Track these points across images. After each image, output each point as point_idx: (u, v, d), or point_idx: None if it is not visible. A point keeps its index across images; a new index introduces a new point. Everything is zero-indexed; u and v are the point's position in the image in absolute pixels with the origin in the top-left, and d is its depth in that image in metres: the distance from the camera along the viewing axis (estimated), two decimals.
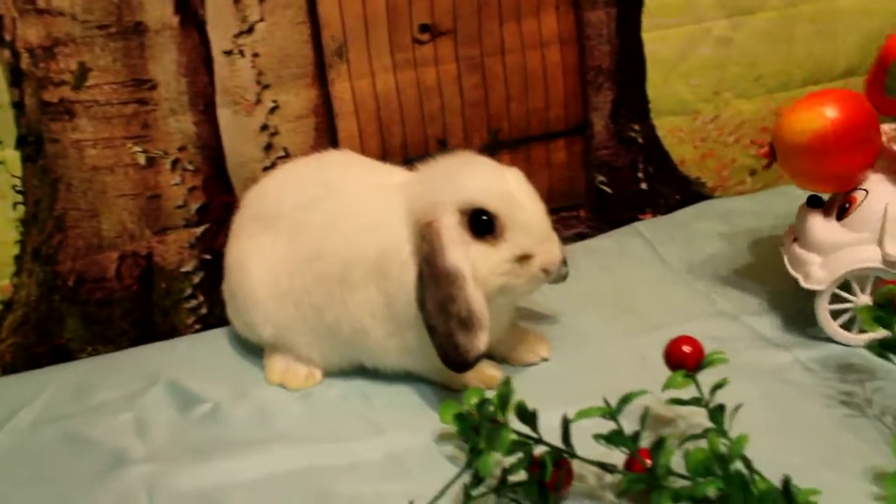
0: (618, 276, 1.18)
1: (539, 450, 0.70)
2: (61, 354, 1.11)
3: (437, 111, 1.20)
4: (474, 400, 0.76)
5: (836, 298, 0.93)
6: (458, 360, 0.82)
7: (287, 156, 1.14)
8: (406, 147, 1.20)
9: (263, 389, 0.97)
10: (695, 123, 1.35)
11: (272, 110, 1.11)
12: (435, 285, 0.82)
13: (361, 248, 0.89)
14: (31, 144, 1.02)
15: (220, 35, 1.06)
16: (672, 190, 1.38)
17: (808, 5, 1.31)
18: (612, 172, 1.33)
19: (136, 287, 1.12)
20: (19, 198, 1.04)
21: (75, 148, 1.04)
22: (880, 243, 0.91)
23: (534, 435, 0.70)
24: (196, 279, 1.15)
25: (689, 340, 0.76)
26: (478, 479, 0.68)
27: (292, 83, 1.11)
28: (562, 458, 0.69)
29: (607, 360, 0.96)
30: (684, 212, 1.36)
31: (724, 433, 0.70)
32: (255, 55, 1.08)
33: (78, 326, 1.11)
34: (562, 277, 1.00)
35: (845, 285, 0.93)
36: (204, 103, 1.08)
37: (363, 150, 1.17)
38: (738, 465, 0.65)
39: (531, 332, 1.01)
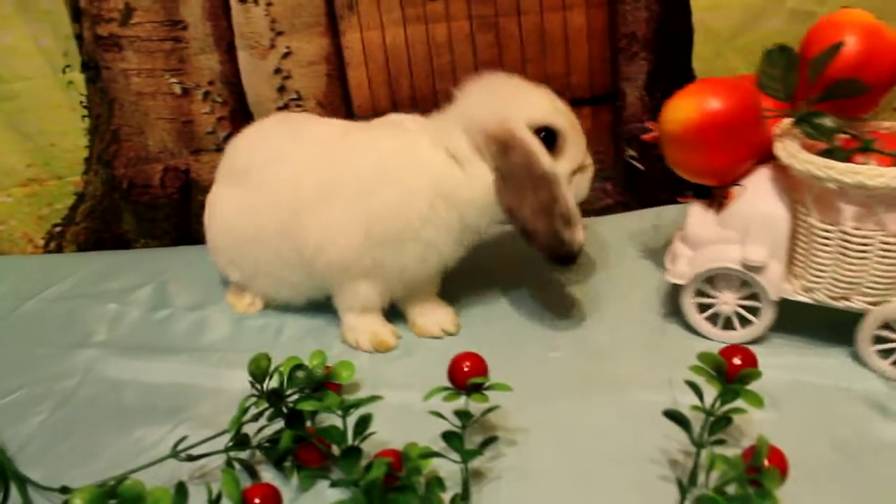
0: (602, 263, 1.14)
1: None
2: (122, 242, 1.36)
3: (448, 67, 1.21)
4: (314, 360, 0.83)
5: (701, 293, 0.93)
6: (566, 254, 0.90)
7: (300, 98, 1.24)
8: (415, 99, 1.23)
9: (217, 306, 1.12)
10: None
11: (285, 55, 1.21)
12: (534, 190, 0.88)
13: (354, 167, 0.94)
14: (91, 69, 1.24)
15: None
16: None
17: None
18: (644, 148, 1.24)
19: (177, 196, 1.32)
20: (86, 112, 1.27)
21: (123, 75, 1.23)
22: (743, 244, 0.88)
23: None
24: None
25: (473, 359, 0.76)
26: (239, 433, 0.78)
27: (305, 31, 1.19)
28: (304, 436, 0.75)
29: (511, 354, 0.95)
30: None
31: (465, 460, 0.71)
32: (269, 4, 1.18)
33: (132, 221, 1.35)
34: None
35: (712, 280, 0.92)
36: (226, 45, 1.21)
37: (373, 99, 1.23)
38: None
39: (444, 305, 1.04)
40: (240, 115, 1.26)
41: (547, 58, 1.19)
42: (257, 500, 0.70)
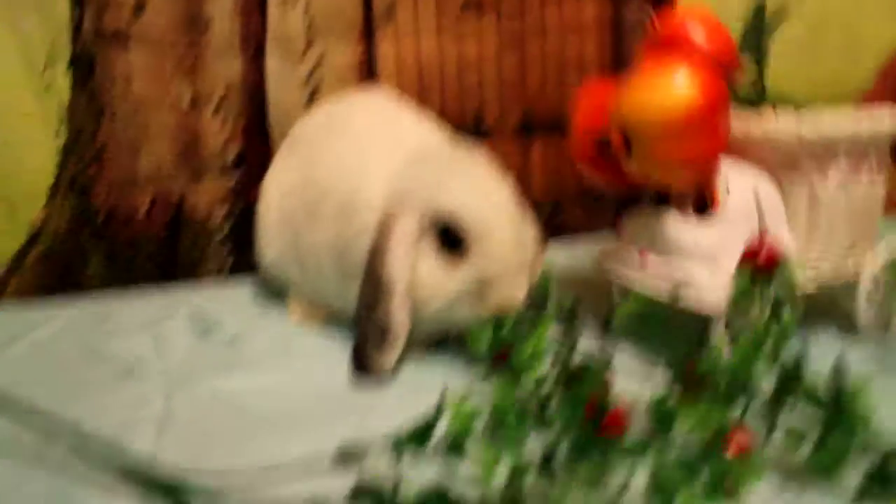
0: None
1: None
2: (80, 292, 1.08)
3: (475, 86, 1.21)
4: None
5: None
6: (361, 366, 0.77)
7: None
8: (444, 116, 1.20)
9: (282, 324, 0.94)
10: None
11: (318, 62, 1.12)
12: (367, 283, 0.77)
13: (336, 184, 0.86)
14: (83, 67, 1.03)
15: None
16: None
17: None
18: None
19: (163, 233, 1.11)
20: (63, 123, 1.04)
21: (124, 78, 1.04)
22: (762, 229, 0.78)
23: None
24: (226, 229, 1.14)
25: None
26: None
27: (340, 38, 1.13)
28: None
29: None
30: None
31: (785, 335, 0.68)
32: (308, 5, 1.10)
33: (100, 265, 1.08)
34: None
35: None
36: (254, 48, 1.10)
37: None
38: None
39: None
40: (254, 132, 1.12)
41: (565, 80, 1.25)
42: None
